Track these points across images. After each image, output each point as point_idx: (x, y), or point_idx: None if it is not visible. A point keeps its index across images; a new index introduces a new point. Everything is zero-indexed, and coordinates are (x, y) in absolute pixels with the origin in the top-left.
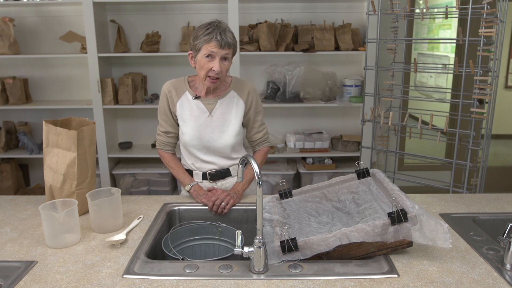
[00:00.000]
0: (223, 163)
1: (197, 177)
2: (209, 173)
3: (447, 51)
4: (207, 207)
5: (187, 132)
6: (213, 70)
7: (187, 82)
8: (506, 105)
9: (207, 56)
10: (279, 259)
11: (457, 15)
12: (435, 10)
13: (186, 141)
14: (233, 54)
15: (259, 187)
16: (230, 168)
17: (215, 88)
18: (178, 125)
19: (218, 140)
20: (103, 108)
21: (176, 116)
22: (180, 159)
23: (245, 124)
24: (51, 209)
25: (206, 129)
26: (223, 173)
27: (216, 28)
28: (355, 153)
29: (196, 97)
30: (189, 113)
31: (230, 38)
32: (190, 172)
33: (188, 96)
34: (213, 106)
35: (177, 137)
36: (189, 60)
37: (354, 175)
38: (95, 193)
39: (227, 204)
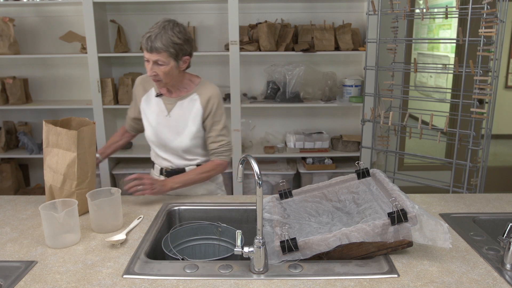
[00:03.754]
0: (178, 162)
1: (156, 171)
2: (165, 169)
3: (447, 51)
4: (207, 207)
5: (147, 128)
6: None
7: None
8: (506, 105)
9: (146, 60)
10: (279, 259)
11: (457, 15)
12: (435, 10)
13: (147, 136)
14: (174, 56)
15: (259, 187)
16: (186, 168)
17: (176, 88)
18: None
19: (174, 141)
20: (103, 108)
21: (140, 110)
22: (129, 139)
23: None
24: (51, 209)
25: (163, 128)
26: (178, 172)
27: (150, 32)
28: (355, 153)
29: (158, 95)
30: (150, 110)
31: (160, 42)
32: (153, 164)
33: (153, 92)
34: (172, 106)
35: (137, 127)
36: None
37: (354, 175)
38: (95, 193)
39: (142, 190)
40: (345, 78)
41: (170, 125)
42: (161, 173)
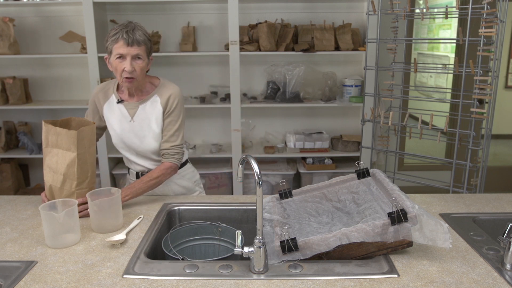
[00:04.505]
0: (150, 165)
1: (132, 175)
2: (141, 173)
3: (447, 51)
4: (207, 207)
5: (113, 135)
6: (125, 70)
7: (116, 85)
8: (506, 105)
9: (118, 57)
10: (279, 259)
11: (457, 15)
12: (435, 10)
13: (114, 143)
14: (148, 52)
15: (259, 187)
16: None
17: (138, 91)
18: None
19: (141, 145)
20: None
21: (104, 118)
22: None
23: None
24: (51, 209)
25: (128, 134)
26: None
27: (124, 28)
28: (355, 153)
29: (119, 101)
30: (114, 117)
31: (140, 35)
32: (128, 170)
33: (114, 99)
34: (134, 111)
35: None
36: (107, 65)
37: (354, 175)
38: (95, 193)
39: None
40: (345, 78)
41: (134, 129)
42: (137, 177)
